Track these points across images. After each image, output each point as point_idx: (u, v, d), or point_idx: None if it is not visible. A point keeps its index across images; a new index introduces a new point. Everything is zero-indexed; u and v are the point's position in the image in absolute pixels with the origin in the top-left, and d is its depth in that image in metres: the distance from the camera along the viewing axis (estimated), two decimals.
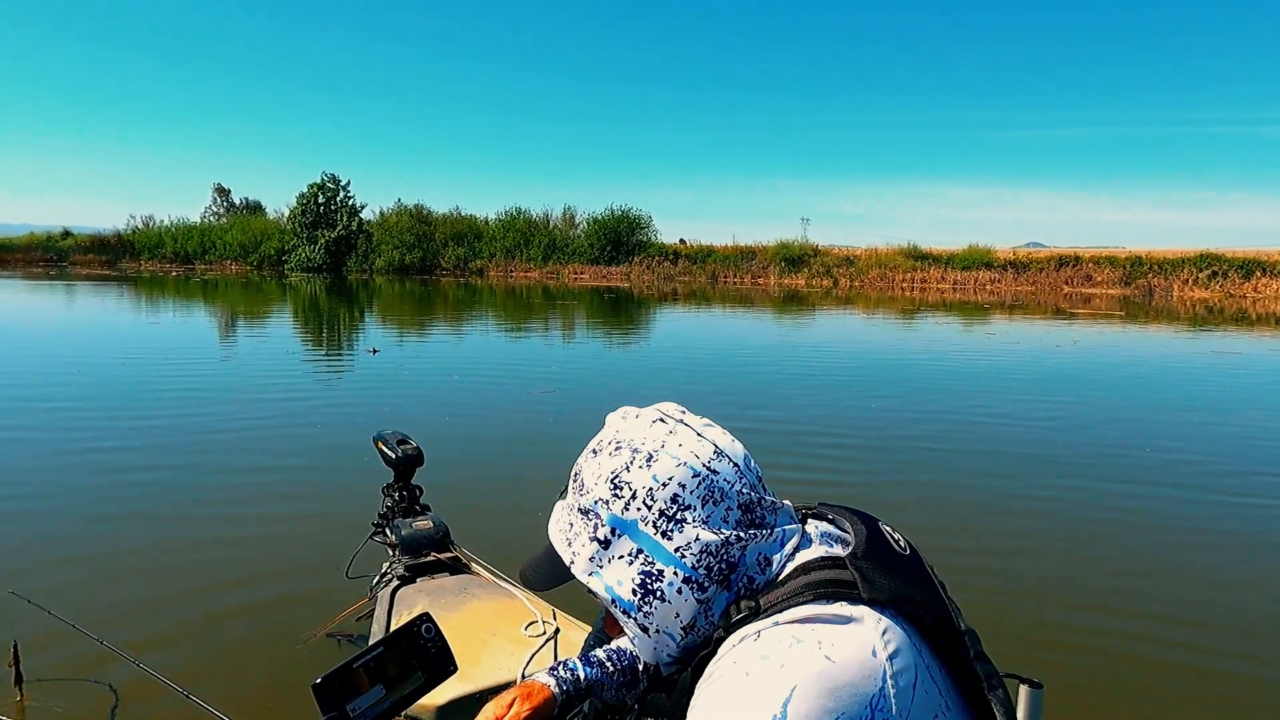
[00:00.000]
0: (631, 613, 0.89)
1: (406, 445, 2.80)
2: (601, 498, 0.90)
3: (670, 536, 0.87)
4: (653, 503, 0.88)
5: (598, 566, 0.90)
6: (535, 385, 9.45)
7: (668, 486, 0.88)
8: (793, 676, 0.76)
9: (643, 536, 0.88)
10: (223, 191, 56.79)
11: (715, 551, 0.87)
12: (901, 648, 0.81)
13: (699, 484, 0.88)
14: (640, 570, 0.88)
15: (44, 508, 4.88)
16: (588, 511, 0.91)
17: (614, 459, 0.91)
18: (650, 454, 0.90)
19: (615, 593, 0.90)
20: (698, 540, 0.87)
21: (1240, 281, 30.05)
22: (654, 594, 0.88)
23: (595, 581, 0.91)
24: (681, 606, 0.88)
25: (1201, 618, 3.75)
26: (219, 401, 8.17)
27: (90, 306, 20.53)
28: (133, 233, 46.43)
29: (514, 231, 39.96)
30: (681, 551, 0.87)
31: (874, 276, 34.42)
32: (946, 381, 10.22)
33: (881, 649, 0.80)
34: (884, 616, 0.83)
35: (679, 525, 0.87)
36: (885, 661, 0.79)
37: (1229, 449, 6.86)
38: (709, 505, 0.88)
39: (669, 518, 0.87)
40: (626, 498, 0.89)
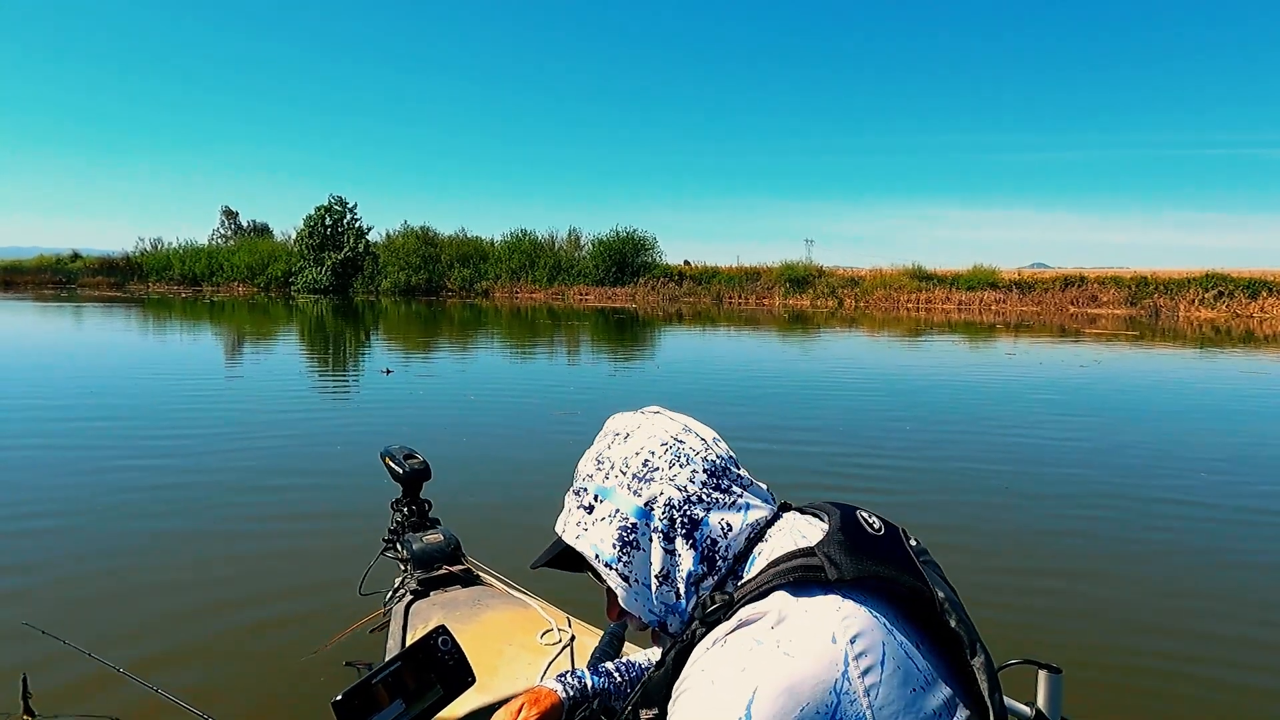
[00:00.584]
0: (613, 564, 1.00)
1: (413, 460, 2.79)
2: (588, 474, 1.04)
3: (640, 494, 0.99)
4: (627, 469, 1.01)
5: (583, 530, 1.02)
6: (551, 403, 9.45)
7: (639, 454, 1.01)
8: (754, 679, 0.80)
9: (619, 497, 1.00)
10: (230, 214, 57.32)
11: (679, 506, 0.98)
12: (865, 629, 0.84)
13: (666, 450, 1.01)
14: (619, 526, 0.99)
15: (55, 528, 4.87)
16: (579, 491, 1.05)
17: (599, 444, 1.06)
18: (628, 433, 1.04)
19: (599, 549, 1.00)
20: (663, 494, 0.98)
21: (1246, 301, 30.01)
22: (631, 545, 0.99)
23: (583, 543, 1.02)
24: (654, 555, 0.98)
25: (1224, 626, 3.72)
26: (230, 422, 8.17)
27: (100, 328, 20.64)
28: (141, 255, 46.82)
29: (519, 253, 40.17)
30: (650, 505, 0.98)
31: (879, 297, 34.47)
32: (978, 400, 10.12)
33: (842, 634, 0.83)
34: (848, 599, 0.86)
35: (647, 483, 0.99)
36: (846, 645, 0.82)
37: (1269, 468, 6.75)
38: (675, 467, 0.99)
39: (639, 479, 0.99)
40: (607, 469, 1.02)
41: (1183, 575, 4.29)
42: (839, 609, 0.85)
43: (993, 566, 4.38)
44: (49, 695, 2.84)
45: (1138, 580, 4.19)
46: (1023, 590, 3.99)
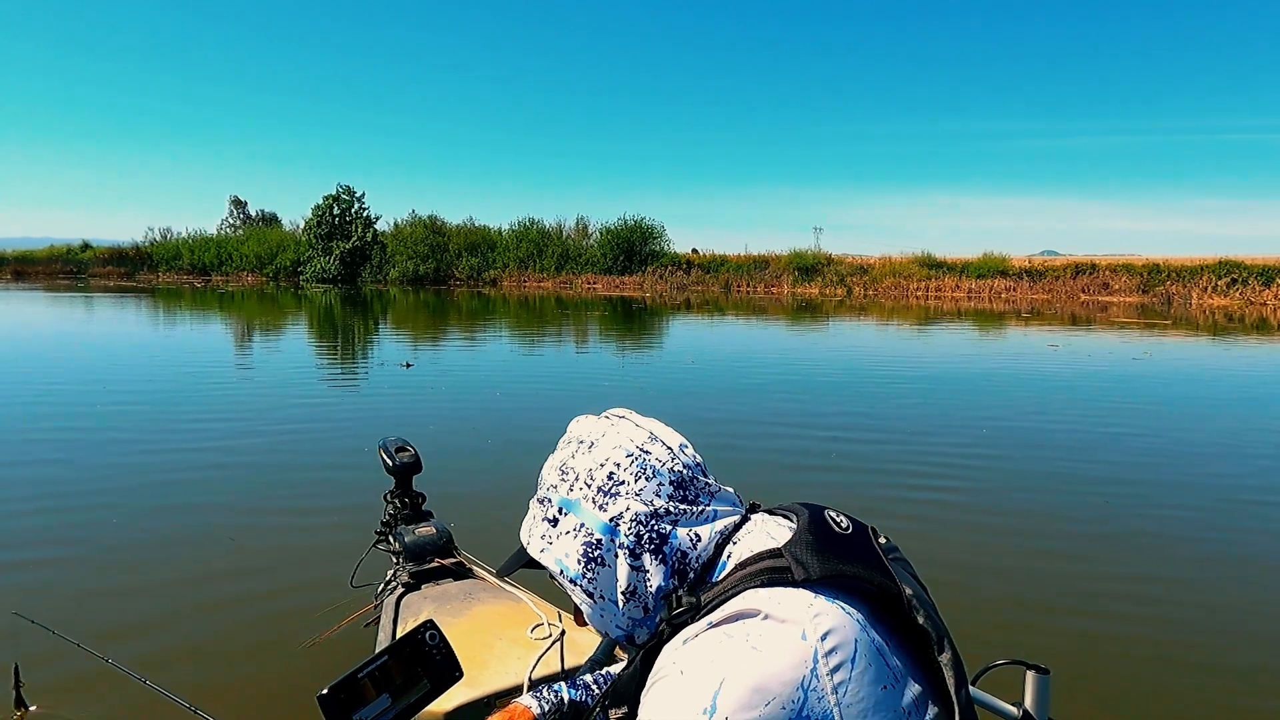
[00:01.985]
0: (578, 581, 0.98)
1: (404, 452, 2.80)
2: (552, 484, 1.01)
3: (605, 509, 0.96)
4: (592, 481, 0.98)
5: (548, 544, 1.00)
6: (560, 394, 9.43)
7: (604, 466, 0.98)
8: (721, 670, 0.81)
9: (584, 512, 0.98)
10: (239, 203, 57.53)
11: (645, 521, 0.96)
12: (836, 626, 0.84)
13: (632, 462, 0.98)
14: (583, 542, 0.97)
15: (47, 523, 4.85)
16: (543, 500, 1.02)
17: (562, 452, 1.03)
18: (593, 442, 1.01)
19: (564, 564, 0.99)
20: (629, 510, 0.96)
21: (1260, 289, 29.68)
22: (595, 561, 0.97)
23: (547, 557, 1.00)
24: (620, 572, 0.96)
25: (1216, 625, 3.67)
26: (227, 416, 8.16)
27: (109, 319, 20.75)
28: (150, 245, 47.06)
29: (527, 242, 40.13)
30: (616, 521, 0.96)
31: (888, 285, 34.28)
32: (1042, 394, 9.81)
33: (812, 632, 0.83)
34: (820, 597, 0.86)
35: (613, 498, 0.97)
36: (817, 642, 0.82)
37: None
38: (641, 480, 0.97)
39: (605, 492, 0.97)
40: (571, 480, 0.99)
41: (1176, 574, 4.20)
42: (810, 605, 0.85)
43: (979, 565, 4.34)
44: (37, 687, 2.84)
45: (1128, 579, 4.10)
46: (1010, 589, 3.95)
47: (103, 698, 2.89)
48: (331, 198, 41.21)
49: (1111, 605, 3.76)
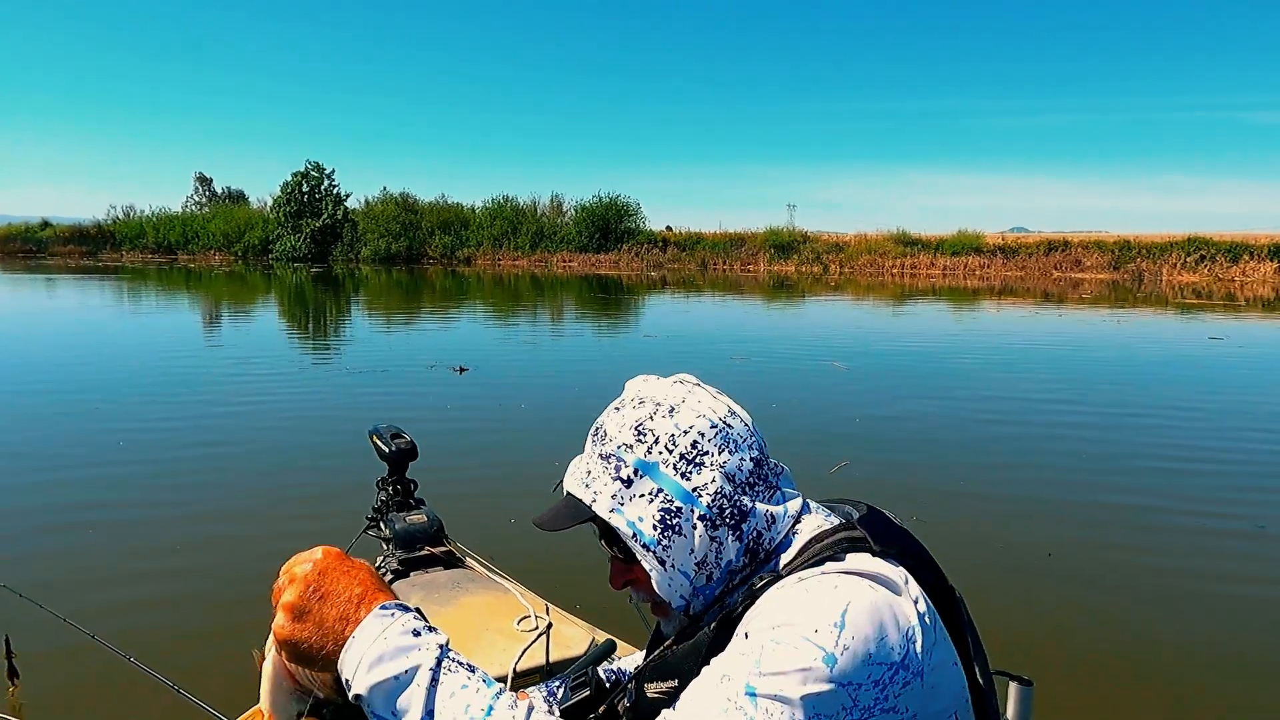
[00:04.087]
0: (651, 547, 0.94)
1: (400, 439, 2.79)
2: (625, 443, 0.97)
3: (689, 477, 0.95)
4: (674, 447, 0.95)
5: (619, 504, 0.95)
6: (549, 382, 9.33)
7: (688, 434, 0.96)
8: (847, 595, 0.84)
9: (663, 477, 0.95)
10: (204, 180, 56.30)
11: (729, 495, 0.95)
12: (922, 595, 0.89)
13: (716, 434, 0.96)
14: (660, 508, 0.94)
15: (38, 503, 4.89)
16: (609, 457, 0.97)
17: (637, 410, 0.98)
18: (673, 406, 0.98)
19: (637, 528, 0.95)
20: (714, 482, 0.95)
21: (1228, 265, 30.24)
22: (672, 529, 0.94)
23: (617, 518, 0.95)
24: (696, 543, 0.94)
25: (1201, 637, 3.69)
26: (216, 397, 8.08)
27: (82, 302, 20.27)
28: (113, 223, 45.83)
29: (501, 219, 39.71)
30: (699, 491, 0.94)
31: (864, 263, 34.42)
32: (1141, 379, 9.62)
33: (906, 591, 0.88)
34: (899, 566, 0.91)
35: (697, 468, 0.95)
36: (914, 600, 0.87)
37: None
38: (724, 453, 0.96)
39: (688, 460, 0.95)
40: (650, 442, 0.96)
41: (1162, 583, 4.10)
42: (901, 570, 0.90)
43: (960, 571, 4.32)
44: (27, 661, 2.87)
45: (1112, 590, 4.01)
46: (992, 598, 3.81)
47: (89, 673, 2.95)
48: (300, 175, 40.42)
49: (1096, 615, 3.71)
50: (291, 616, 0.82)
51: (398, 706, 0.78)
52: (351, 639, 0.80)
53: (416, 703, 0.77)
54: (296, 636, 0.82)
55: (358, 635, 0.80)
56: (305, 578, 0.83)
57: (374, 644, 0.79)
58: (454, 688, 0.79)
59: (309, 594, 0.82)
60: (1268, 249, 30.03)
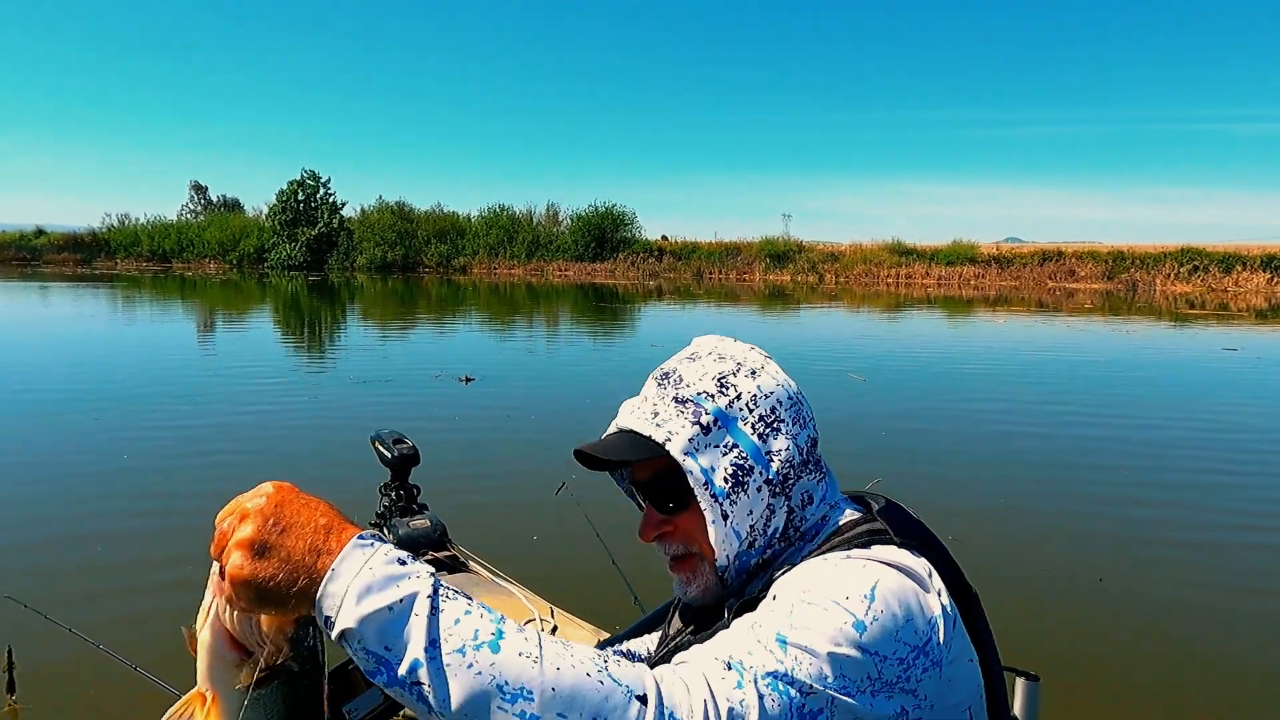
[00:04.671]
0: (720, 498, 0.94)
1: (402, 445, 2.78)
2: (706, 391, 0.97)
3: (765, 440, 0.96)
4: (755, 407, 0.97)
5: (695, 449, 0.95)
6: (547, 389, 9.28)
7: (769, 398, 0.98)
8: (875, 574, 0.84)
9: (740, 434, 0.96)
10: (200, 189, 56.29)
11: (794, 464, 0.97)
12: (943, 588, 0.89)
13: (791, 405, 0.99)
14: (733, 462, 0.95)
15: (43, 512, 4.89)
16: (685, 401, 0.97)
17: (719, 364, 1.00)
18: (754, 369, 1.00)
19: (710, 476, 0.94)
20: (785, 450, 0.97)
21: (1221, 276, 30.38)
22: (741, 486, 0.95)
23: (690, 462, 0.94)
24: (756, 504, 0.95)
25: (1207, 635, 3.70)
26: (219, 405, 8.05)
27: (82, 310, 20.21)
28: (108, 231, 45.72)
29: (497, 228, 39.74)
30: (770, 455, 0.96)
31: (859, 272, 34.51)
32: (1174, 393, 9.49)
33: (931, 583, 0.88)
34: (923, 559, 0.91)
35: (774, 432, 0.97)
36: (938, 592, 0.87)
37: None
38: (796, 425, 0.99)
39: (767, 424, 0.97)
40: (731, 396, 0.97)
41: (1167, 580, 4.12)
42: (921, 560, 0.90)
43: (966, 567, 4.32)
44: (30, 672, 2.86)
45: (1120, 584, 4.02)
46: (999, 594, 3.79)
47: (93, 684, 2.92)
48: (296, 183, 40.42)
49: (1103, 611, 3.71)
50: (250, 553, 0.69)
51: (394, 639, 0.67)
52: (332, 571, 0.68)
53: (417, 633, 0.67)
54: (259, 576, 0.68)
55: (339, 566, 0.68)
56: (261, 510, 0.71)
57: (359, 574, 0.67)
58: (456, 613, 0.69)
59: (268, 527, 0.70)
60: (1260, 260, 30.19)
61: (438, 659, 0.66)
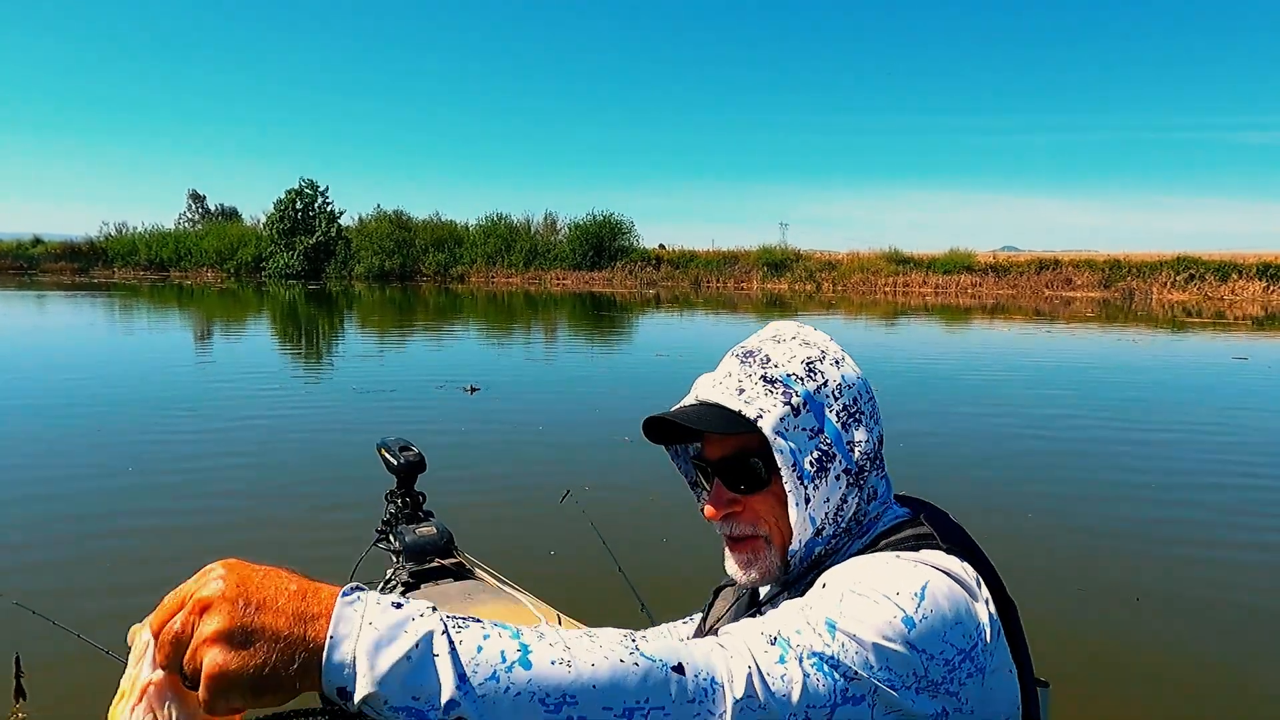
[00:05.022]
0: (805, 480, 0.94)
1: (409, 452, 2.78)
2: (796, 373, 0.97)
3: (848, 429, 0.97)
4: (840, 395, 0.98)
5: (785, 429, 0.94)
6: (561, 396, 9.28)
7: (852, 388, 0.99)
8: (926, 574, 0.84)
9: (827, 420, 0.96)
10: (197, 197, 56.33)
11: (871, 456, 0.98)
12: (989, 597, 0.88)
13: (869, 399, 1.01)
14: (819, 447, 0.95)
15: (50, 516, 4.91)
16: (774, 381, 0.97)
17: (805, 349, 1.00)
18: (838, 359, 1.00)
19: (798, 456, 0.94)
20: (864, 443, 0.98)
21: (1217, 284, 30.50)
22: (824, 472, 0.95)
23: (781, 441, 0.94)
24: (833, 493, 0.96)
25: (1215, 640, 3.69)
26: (224, 412, 8.07)
27: (83, 319, 20.19)
28: (105, 240, 45.69)
29: (495, 237, 39.79)
30: (851, 445, 0.97)
31: (856, 281, 34.60)
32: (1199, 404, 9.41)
33: (980, 591, 0.87)
34: (968, 565, 0.90)
35: (856, 423, 0.98)
36: (985, 600, 0.87)
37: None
38: (871, 419, 1.00)
39: (850, 414, 0.98)
40: (820, 382, 0.97)
41: (1178, 586, 4.11)
42: (968, 568, 0.89)
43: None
44: (38, 678, 2.84)
45: (1130, 591, 4.00)
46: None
47: (101, 690, 2.86)
48: (294, 192, 40.45)
49: (1112, 617, 3.71)
50: (230, 645, 0.61)
51: (422, 687, 0.61)
52: (330, 639, 0.62)
53: (444, 673, 0.62)
54: (250, 666, 0.61)
55: (336, 631, 0.62)
56: (224, 595, 0.64)
57: (362, 633, 0.62)
58: (476, 640, 0.65)
59: (241, 610, 0.63)
60: (1255, 268, 30.33)
61: (472, 693, 0.62)
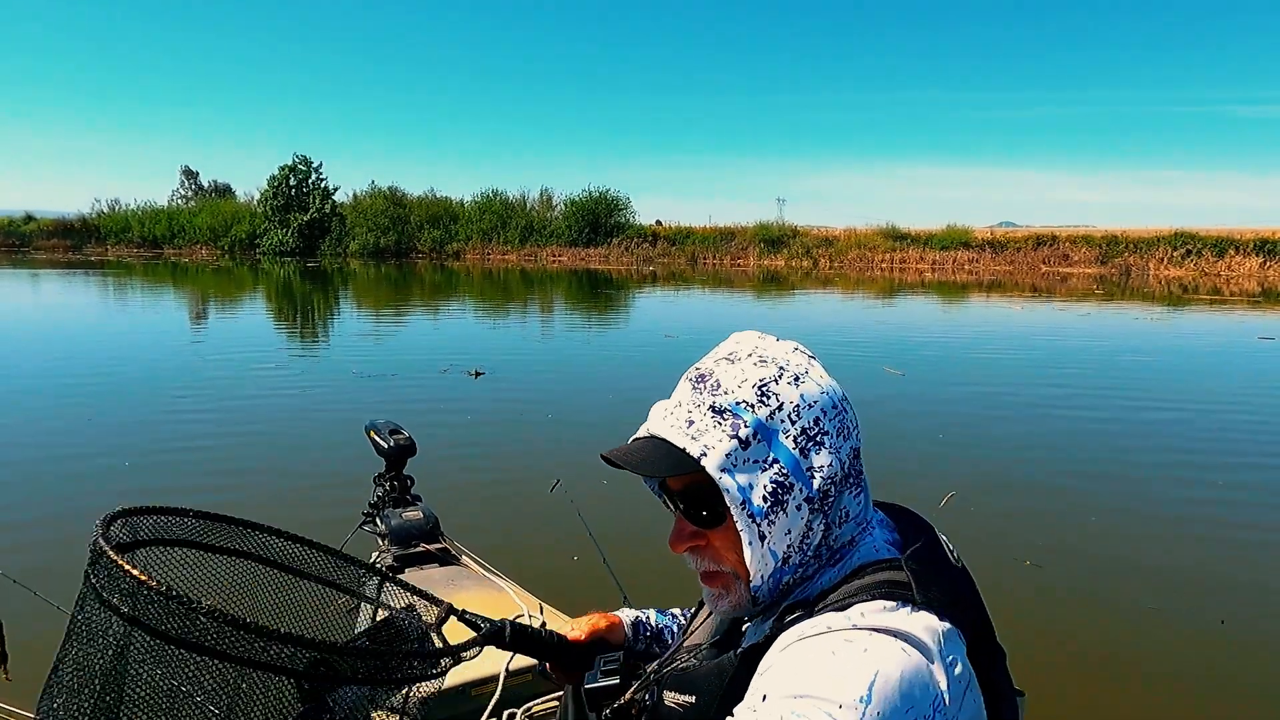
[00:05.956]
0: (758, 518, 0.89)
1: (399, 435, 2.78)
2: (746, 400, 0.90)
3: (806, 455, 0.89)
4: (797, 419, 0.90)
5: (733, 465, 0.88)
6: (556, 385, 9.27)
7: (812, 409, 0.90)
8: (875, 663, 0.78)
9: (781, 447, 0.89)
10: (190, 174, 55.80)
11: (836, 480, 0.90)
12: (958, 656, 0.83)
13: (836, 415, 0.92)
14: (773, 479, 0.89)
15: (35, 493, 4.92)
16: (723, 411, 0.90)
17: (759, 369, 0.92)
18: (797, 375, 0.92)
19: (747, 494, 0.88)
20: (828, 466, 0.90)
21: (1214, 260, 30.45)
22: (780, 505, 0.89)
23: (727, 479, 0.88)
24: (794, 524, 0.90)
25: (1193, 647, 3.71)
26: (213, 391, 8.04)
27: (80, 297, 20.10)
28: (98, 217, 45.37)
29: (490, 213, 39.57)
30: (811, 471, 0.89)
31: (853, 257, 34.50)
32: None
33: (938, 653, 0.81)
34: (943, 624, 0.84)
35: (816, 447, 0.90)
36: (944, 663, 0.81)
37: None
38: (839, 438, 0.91)
39: (809, 437, 0.90)
40: (773, 406, 0.90)
41: (1154, 591, 4.06)
42: (936, 627, 0.84)
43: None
44: (20, 648, 2.78)
45: (1105, 596, 3.96)
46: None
47: None
48: (288, 168, 40.14)
49: (1087, 624, 3.69)
50: None
51: None
52: None
53: None
54: None
55: None
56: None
57: None
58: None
59: None
60: (1252, 244, 30.26)
61: None
